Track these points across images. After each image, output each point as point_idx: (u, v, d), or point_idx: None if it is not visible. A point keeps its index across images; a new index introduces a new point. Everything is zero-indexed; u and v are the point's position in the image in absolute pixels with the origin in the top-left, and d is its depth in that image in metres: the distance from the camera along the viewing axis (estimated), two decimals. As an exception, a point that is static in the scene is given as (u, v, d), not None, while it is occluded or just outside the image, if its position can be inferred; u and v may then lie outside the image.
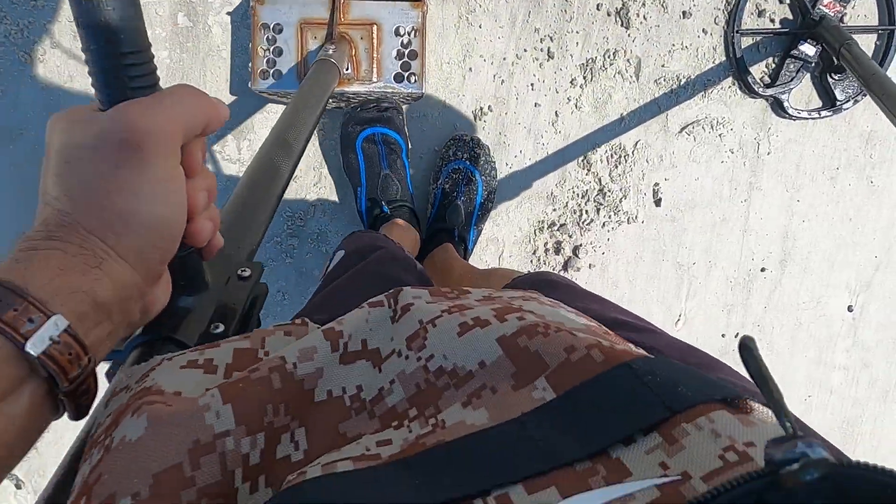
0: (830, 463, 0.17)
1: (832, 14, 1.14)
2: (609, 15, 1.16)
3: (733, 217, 1.26)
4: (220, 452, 0.29)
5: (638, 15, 1.16)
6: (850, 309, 1.31)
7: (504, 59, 1.16)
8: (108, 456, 0.29)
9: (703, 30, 1.17)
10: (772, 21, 1.17)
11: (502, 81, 1.17)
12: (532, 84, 1.18)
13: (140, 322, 0.37)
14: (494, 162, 1.18)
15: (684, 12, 1.16)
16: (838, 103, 1.20)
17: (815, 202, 1.26)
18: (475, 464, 0.26)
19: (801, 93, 1.21)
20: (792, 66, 1.17)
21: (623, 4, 1.15)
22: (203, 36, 1.13)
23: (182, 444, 0.29)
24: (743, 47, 1.17)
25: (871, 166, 1.24)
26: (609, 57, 1.17)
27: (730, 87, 1.20)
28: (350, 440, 0.32)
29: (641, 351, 0.32)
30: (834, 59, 1.09)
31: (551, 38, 1.16)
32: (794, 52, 1.16)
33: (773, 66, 1.19)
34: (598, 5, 1.15)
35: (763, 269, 1.29)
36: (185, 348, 0.40)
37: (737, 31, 1.15)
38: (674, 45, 1.17)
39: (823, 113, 1.21)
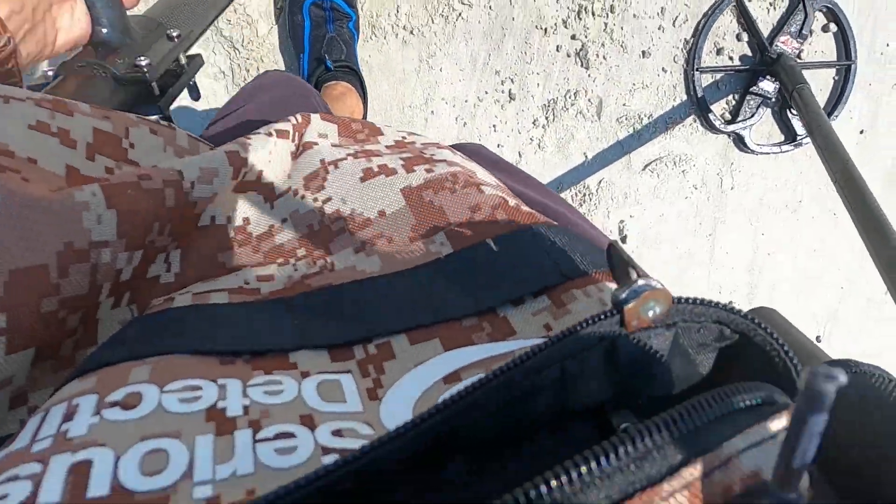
0: (667, 294, 0.17)
1: (790, 51, 1.15)
2: (569, 56, 1.16)
3: (699, 251, 1.27)
4: (93, 264, 0.25)
5: (597, 55, 1.16)
6: (818, 339, 1.32)
7: (466, 101, 1.17)
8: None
9: (663, 68, 1.18)
10: (730, 58, 1.18)
11: (465, 124, 1.18)
12: (494, 125, 1.18)
13: (58, 46, 0.40)
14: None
15: (643, 52, 1.17)
16: (798, 137, 1.21)
17: (780, 235, 1.27)
18: (360, 310, 0.26)
19: (763, 127, 1.22)
20: (752, 102, 1.18)
21: (582, 46, 1.16)
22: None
23: (50, 244, 0.24)
24: (703, 85, 1.18)
25: (833, 199, 1.25)
26: (570, 97, 1.18)
27: (691, 124, 1.21)
28: (228, 271, 0.30)
29: (545, 218, 0.31)
30: (788, 98, 1.10)
31: (512, 80, 1.17)
32: (754, 88, 1.17)
33: (734, 102, 1.20)
34: (557, 47, 1.16)
35: (730, 302, 1.29)
36: (114, 78, 0.43)
37: (696, 70, 1.16)
38: (634, 84, 1.18)
39: (784, 147, 1.22)
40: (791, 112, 1.19)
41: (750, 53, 1.18)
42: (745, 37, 1.17)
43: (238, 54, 1.12)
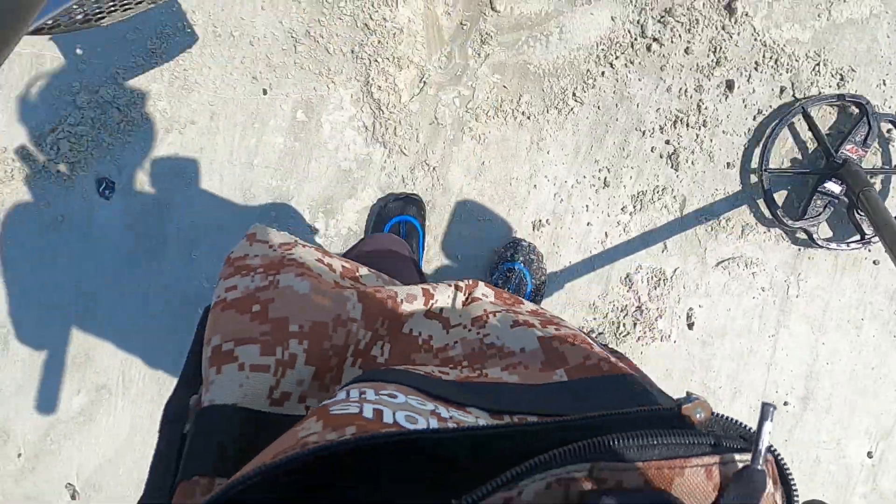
0: (709, 406, 0.31)
1: (855, 158, 1.26)
2: (661, 157, 1.33)
3: (760, 350, 1.35)
4: (348, 330, 0.44)
5: (687, 160, 1.32)
6: (869, 455, 1.36)
7: (565, 181, 1.34)
8: (278, 292, 0.44)
9: (744, 180, 1.32)
10: (799, 162, 1.31)
11: (561, 200, 1.34)
12: (587, 206, 1.34)
13: None
14: (546, 269, 1.32)
15: (728, 163, 1.32)
16: (867, 237, 1.29)
17: (840, 347, 1.35)
18: (506, 396, 0.39)
19: (832, 225, 1.33)
20: (819, 202, 1.28)
21: (675, 150, 1.32)
22: (315, 130, 1.35)
23: (330, 313, 0.44)
24: (773, 187, 1.30)
25: (894, 322, 1.33)
26: (658, 192, 1.33)
27: (765, 231, 1.33)
28: (417, 366, 0.45)
29: (630, 369, 0.46)
30: (854, 199, 1.20)
31: (608, 170, 1.33)
32: (821, 189, 1.27)
33: (802, 202, 1.31)
34: (652, 147, 1.32)
35: (786, 403, 1.36)
36: None
37: (766, 170, 1.29)
38: (717, 189, 1.33)
39: (852, 245, 1.31)
40: (858, 213, 1.27)
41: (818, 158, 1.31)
42: (811, 144, 1.29)
43: (381, 115, 1.33)
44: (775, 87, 1.31)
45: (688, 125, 1.32)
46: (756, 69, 1.31)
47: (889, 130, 1.32)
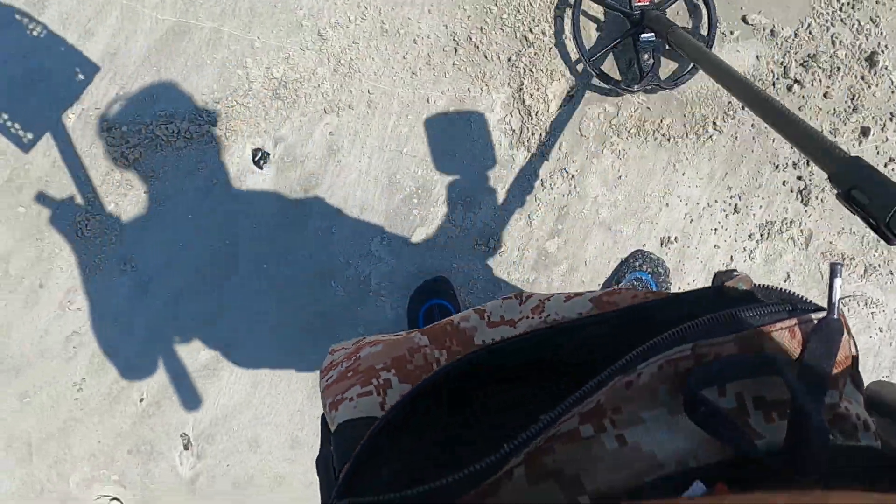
0: (749, 278, 0.40)
1: (647, 4, 1.28)
2: (792, 191, 1.39)
3: (871, 389, 1.38)
4: (423, 353, 0.50)
5: (817, 197, 1.38)
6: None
7: (697, 203, 1.40)
8: (360, 358, 0.52)
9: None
10: (600, 33, 1.34)
11: (691, 220, 1.40)
12: (715, 229, 1.40)
13: None
14: (670, 284, 1.38)
15: (857, 205, 1.37)
16: (690, 68, 1.34)
17: (952, 397, 1.37)
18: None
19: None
20: (646, 56, 1.31)
21: (805, 186, 1.38)
22: (464, 129, 1.43)
23: (403, 347, 0.51)
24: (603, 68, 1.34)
25: None
26: (786, 224, 1.38)
27: (889, 274, 1.37)
28: None
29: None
30: (666, 44, 1.22)
31: (739, 197, 1.39)
32: (639, 45, 1.30)
33: (634, 65, 1.34)
34: (784, 181, 1.39)
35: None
36: None
37: (588, 59, 1.33)
38: (844, 228, 1.38)
39: (686, 75, 1.35)
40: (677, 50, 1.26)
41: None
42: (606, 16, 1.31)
43: (529, 120, 1.41)
44: (908, 138, 1.37)
45: (820, 164, 1.38)
46: (891, 119, 1.37)
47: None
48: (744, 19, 1.41)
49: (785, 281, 1.38)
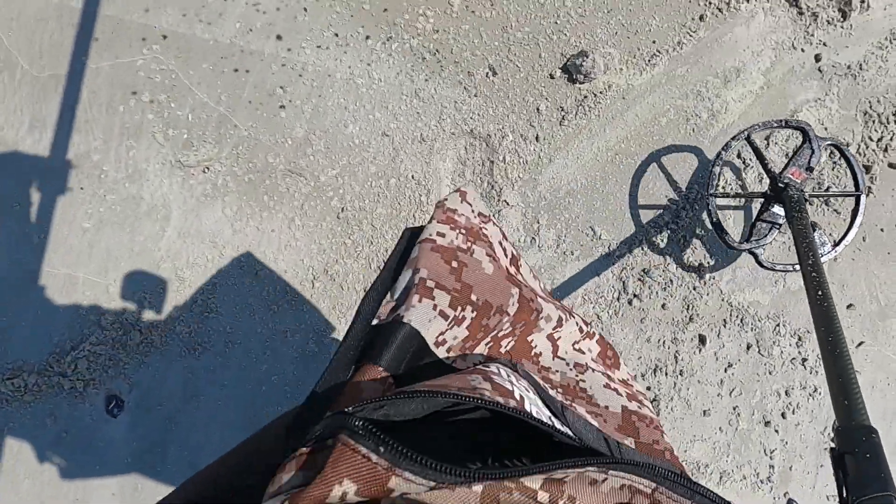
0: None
1: (798, 181, 1.29)
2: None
3: None
4: (500, 319, 0.54)
5: (667, 406, 1.43)
6: None
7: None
8: (472, 261, 0.54)
9: (720, 428, 1.43)
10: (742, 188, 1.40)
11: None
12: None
13: None
14: None
15: (704, 411, 1.44)
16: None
17: None
18: (590, 435, 0.52)
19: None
20: (764, 226, 1.31)
21: (655, 397, 1.44)
22: (324, 359, 1.44)
23: (498, 300, 0.54)
24: (719, 211, 1.34)
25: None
26: (641, 436, 1.42)
27: (742, 479, 1.42)
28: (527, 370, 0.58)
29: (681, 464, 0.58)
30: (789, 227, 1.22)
31: (595, 412, 1.43)
32: (766, 214, 1.31)
33: (748, 226, 1.38)
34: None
35: None
36: None
37: (711, 195, 1.33)
38: (695, 436, 1.43)
39: (797, 266, 1.33)
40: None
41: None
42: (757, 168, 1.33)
43: (387, 350, 1.44)
44: (742, 343, 1.47)
45: (666, 373, 1.44)
46: (724, 325, 1.47)
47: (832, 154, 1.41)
48: (592, 229, 1.51)
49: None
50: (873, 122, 1.53)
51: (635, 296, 1.47)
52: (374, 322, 0.50)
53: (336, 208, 1.47)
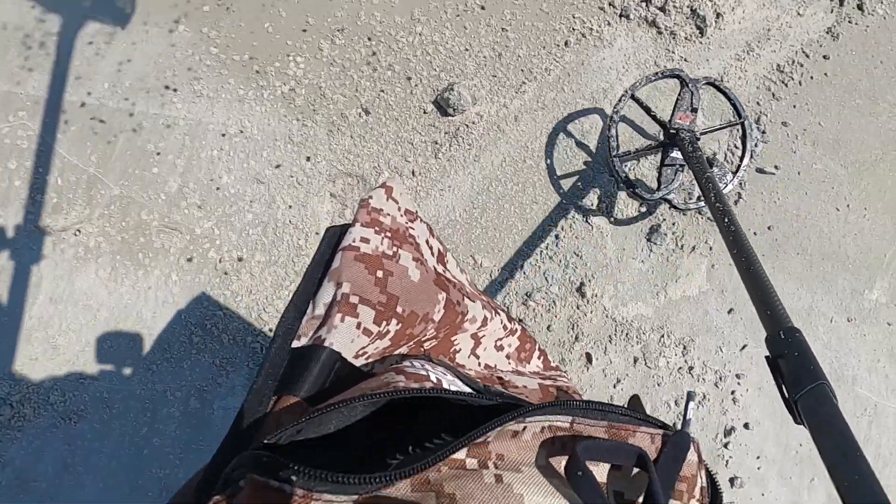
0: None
1: (686, 123, 1.37)
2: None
3: None
4: (425, 327, 0.54)
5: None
6: None
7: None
8: (398, 269, 0.52)
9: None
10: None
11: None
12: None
13: None
14: None
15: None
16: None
17: None
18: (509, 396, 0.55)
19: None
20: (669, 171, 1.39)
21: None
22: (207, 415, 1.40)
23: (424, 309, 0.54)
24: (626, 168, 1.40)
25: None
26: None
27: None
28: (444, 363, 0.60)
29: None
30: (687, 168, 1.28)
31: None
32: (667, 160, 1.38)
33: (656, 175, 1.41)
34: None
35: None
36: None
37: (616, 157, 1.40)
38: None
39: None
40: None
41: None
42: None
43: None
44: (629, 358, 1.48)
45: (556, 395, 1.44)
46: (610, 341, 1.48)
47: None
48: (473, 258, 1.52)
49: None
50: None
51: (519, 320, 1.47)
52: (295, 343, 0.47)
53: (213, 260, 1.45)
